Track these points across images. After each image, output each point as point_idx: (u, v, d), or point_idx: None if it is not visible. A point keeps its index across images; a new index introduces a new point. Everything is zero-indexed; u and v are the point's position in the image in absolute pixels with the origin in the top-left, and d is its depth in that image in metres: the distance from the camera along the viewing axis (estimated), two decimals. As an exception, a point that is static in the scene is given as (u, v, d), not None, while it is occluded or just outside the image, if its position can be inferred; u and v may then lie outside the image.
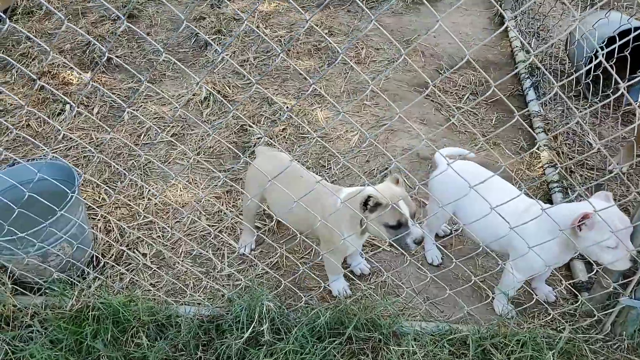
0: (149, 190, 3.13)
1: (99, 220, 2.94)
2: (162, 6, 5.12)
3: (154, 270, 2.69)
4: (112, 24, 4.72)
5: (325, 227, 2.22)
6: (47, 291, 2.45)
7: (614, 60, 2.76)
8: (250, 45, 4.44)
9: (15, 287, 2.45)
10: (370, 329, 2.26)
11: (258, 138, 3.42)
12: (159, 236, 2.90)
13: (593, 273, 2.25)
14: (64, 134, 3.50)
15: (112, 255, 2.78)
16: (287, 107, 3.67)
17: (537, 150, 3.29)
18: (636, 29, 2.99)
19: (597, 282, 2.29)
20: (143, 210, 3.00)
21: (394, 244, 2.13)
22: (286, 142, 3.45)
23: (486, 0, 5.14)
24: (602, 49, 2.86)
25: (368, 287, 2.54)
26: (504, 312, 2.44)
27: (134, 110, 2.75)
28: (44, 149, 3.35)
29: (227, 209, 3.01)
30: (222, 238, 2.86)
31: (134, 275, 2.65)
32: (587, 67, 2.64)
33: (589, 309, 2.29)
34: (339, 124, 3.64)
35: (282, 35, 4.53)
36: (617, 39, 2.90)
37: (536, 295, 2.30)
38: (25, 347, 2.22)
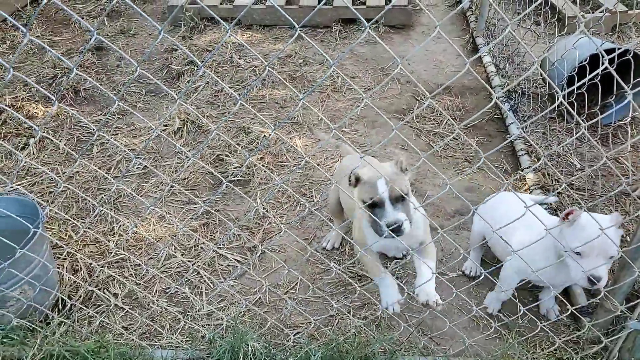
0: (120, 224, 2.92)
1: (64, 259, 2.72)
2: (132, 39, 5.00)
3: (127, 311, 2.46)
4: (80, 56, 4.56)
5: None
6: (4, 340, 2.18)
7: (599, 78, 2.75)
8: (224, 75, 4.33)
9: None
10: (365, 367, 2.09)
11: (235, 167, 3.27)
12: (132, 274, 2.69)
13: (597, 298, 2.14)
14: (28, 169, 3.29)
15: (80, 296, 2.55)
16: (267, 135, 3.54)
17: (522, 173, 3.24)
18: (616, 49, 3.01)
19: (600, 307, 2.17)
20: (114, 247, 2.78)
21: (373, 228, 1.97)
22: (265, 172, 3.31)
23: (458, 27, 5.20)
24: (584, 67, 2.85)
25: (360, 321, 2.37)
26: (491, 306, 2.46)
27: (106, 135, 2.57)
28: (6, 182, 3.12)
29: (204, 242, 2.83)
30: (200, 274, 2.66)
31: (104, 318, 2.42)
32: (569, 89, 2.60)
33: (595, 336, 2.16)
34: (319, 151, 3.53)
35: (257, 65, 4.44)
36: (601, 57, 2.91)
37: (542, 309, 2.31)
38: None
